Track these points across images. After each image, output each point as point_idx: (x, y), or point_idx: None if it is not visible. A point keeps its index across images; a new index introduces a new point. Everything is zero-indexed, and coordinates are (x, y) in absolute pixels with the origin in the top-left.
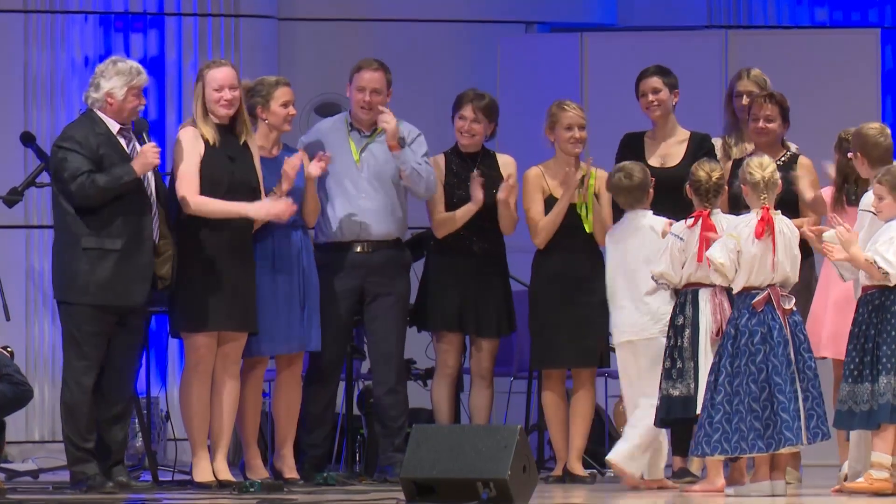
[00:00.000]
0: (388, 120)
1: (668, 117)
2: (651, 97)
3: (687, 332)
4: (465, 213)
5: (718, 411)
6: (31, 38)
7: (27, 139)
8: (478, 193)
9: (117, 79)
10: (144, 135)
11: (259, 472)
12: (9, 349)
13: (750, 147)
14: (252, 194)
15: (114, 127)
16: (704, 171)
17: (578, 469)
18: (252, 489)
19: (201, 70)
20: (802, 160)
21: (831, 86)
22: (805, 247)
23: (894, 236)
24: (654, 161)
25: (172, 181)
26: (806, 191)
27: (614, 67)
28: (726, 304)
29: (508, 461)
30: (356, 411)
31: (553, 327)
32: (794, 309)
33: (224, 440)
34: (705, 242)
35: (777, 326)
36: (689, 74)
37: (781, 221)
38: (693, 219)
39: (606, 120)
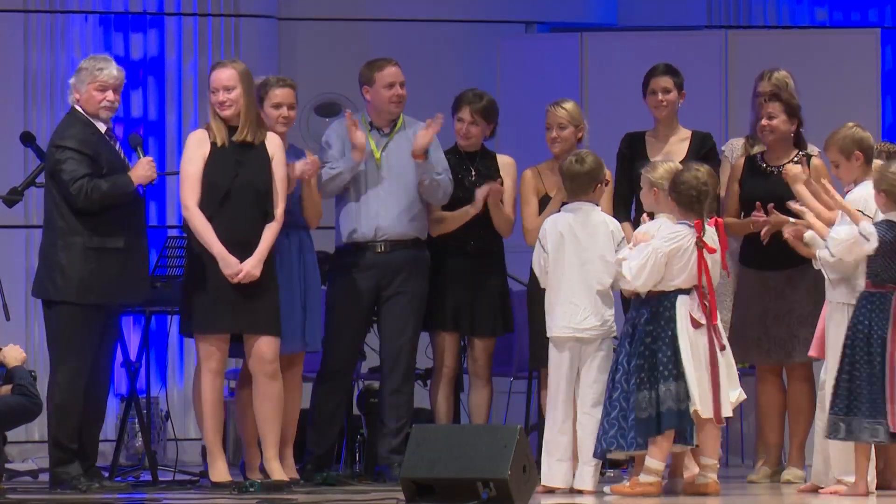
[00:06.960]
0: (429, 134)
1: (672, 116)
2: (661, 96)
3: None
4: (460, 215)
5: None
6: (31, 38)
7: (27, 139)
8: (479, 201)
9: (82, 74)
10: (139, 149)
11: (259, 473)
12: (33, 373)
13: (762, 148)
14: (257, 197)
15: (101, 127)
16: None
17: None
18: (252, 489)
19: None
20: (815, 161)
21: (831, 86)
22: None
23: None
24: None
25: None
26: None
27: (614, 67)
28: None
29: (508, 461)
30: (356, 411)
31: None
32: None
33: (271, 439)
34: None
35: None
36: (689, 74)
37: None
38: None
39: (606, 120)
